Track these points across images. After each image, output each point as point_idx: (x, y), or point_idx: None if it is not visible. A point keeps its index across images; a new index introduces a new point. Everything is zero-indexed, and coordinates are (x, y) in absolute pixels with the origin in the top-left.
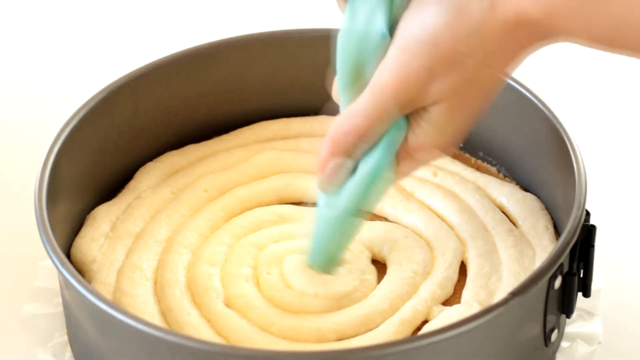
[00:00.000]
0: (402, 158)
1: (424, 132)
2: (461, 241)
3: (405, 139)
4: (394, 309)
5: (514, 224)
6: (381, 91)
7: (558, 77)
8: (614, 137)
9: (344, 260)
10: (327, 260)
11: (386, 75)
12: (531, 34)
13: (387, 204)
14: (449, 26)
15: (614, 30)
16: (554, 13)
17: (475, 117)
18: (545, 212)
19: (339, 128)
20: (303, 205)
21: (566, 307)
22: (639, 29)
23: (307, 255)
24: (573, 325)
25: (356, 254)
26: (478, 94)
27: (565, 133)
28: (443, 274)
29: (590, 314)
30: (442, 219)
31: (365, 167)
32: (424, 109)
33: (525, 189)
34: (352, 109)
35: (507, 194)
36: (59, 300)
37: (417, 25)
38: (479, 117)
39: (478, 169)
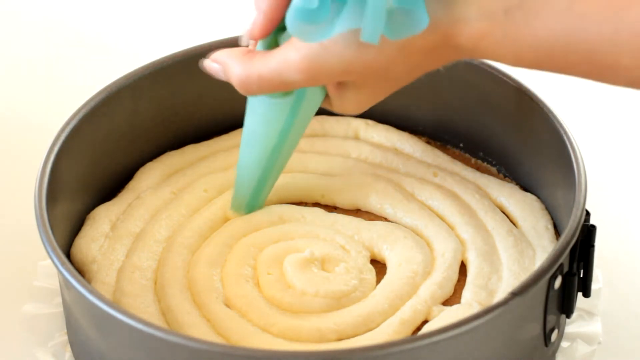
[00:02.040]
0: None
1: (334, 100)
2: (461, 241)
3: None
4: (394, 309)
5: (514, 224)
6: (287, 66)
7: (558, 77)
8: (614, 137)
9: (262, 205)
10: (252, 200)
11: (295, 55)
12: (455, 53)
13: (387, 204)
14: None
15: (537, 52)
16: (480, 42)
17: (384, 96)
18: (545, 212)
19: (252, 68)
20: (303, 205)
21: (566, 307)
22: (562, 50)
23: (232, 199)
24: (573, 325)
25: (355, 254)
26: (393, 85)
27: (565, 133)
28: (443, 274)
29: (590, 314)
30: (442, 219)
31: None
32: (341, 82)
33: (525, 189)
34: (265, 62)
35: (507, 194)
36: (59, 300)
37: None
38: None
39: (478, 169)
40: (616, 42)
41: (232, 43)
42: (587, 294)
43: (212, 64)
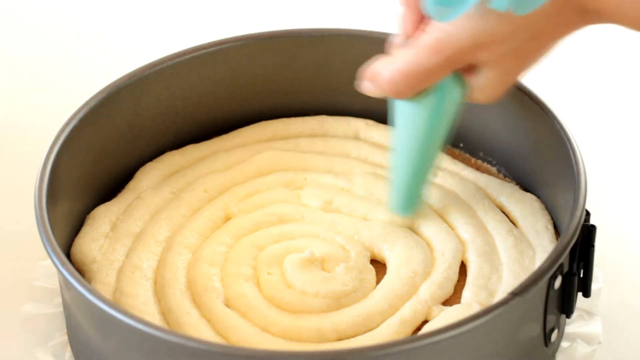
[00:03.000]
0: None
1: (472, 88)
2: (461, 241)
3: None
4: (393, 309)
5: (514, 224)
6: (423, 51)
7: (558, 77)
8: (614, 137)
9: (423, 202)
10: (410, 199)
11: (427, 38)
12: (577, 16)
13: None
14: None
15: None
16: (602, 3)
17: (519, 76)
18: (545, 212)
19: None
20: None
21: (566, 307)
22: None
23: (390, 202)
24: (573, 325)
25: (355, 254)
26: (523, 61)
27: (565, 133)
28: (443, 274)
29: (590, 314)
30: (442, 219)
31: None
32: (474, 67)
33: (525, 189)
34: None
35: (507, 194)
36: (59, 300)
37: None
38: (523, 75)
39: (478, 169)
40: None
41: (232, 43)
42: (587, 294)
43: (365, 83)
